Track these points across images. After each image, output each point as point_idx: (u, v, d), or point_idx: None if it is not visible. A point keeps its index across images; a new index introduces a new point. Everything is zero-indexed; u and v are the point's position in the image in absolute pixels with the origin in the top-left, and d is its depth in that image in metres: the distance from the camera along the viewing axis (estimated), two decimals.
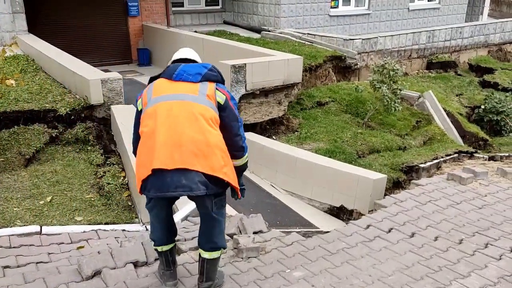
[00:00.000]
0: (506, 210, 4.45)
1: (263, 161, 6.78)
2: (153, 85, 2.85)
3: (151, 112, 2.73)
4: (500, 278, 3.29)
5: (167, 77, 2.83)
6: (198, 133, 2.65)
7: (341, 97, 9.16)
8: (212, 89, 2.77)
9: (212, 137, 2.68)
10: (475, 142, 9.30)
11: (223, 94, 2.81)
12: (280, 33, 11.62)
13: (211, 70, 2.85)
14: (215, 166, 2.68)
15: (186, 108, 2.68)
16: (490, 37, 13.60)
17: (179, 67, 2.82)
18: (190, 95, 2.72)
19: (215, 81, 2.84)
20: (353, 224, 4.27)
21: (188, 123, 2.65)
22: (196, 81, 2.76)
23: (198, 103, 2.70)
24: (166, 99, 2.73)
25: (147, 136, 2.72)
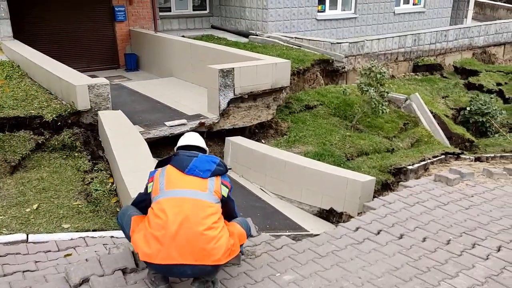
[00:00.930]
0: (493, 211, 4.51)
1: (252, 165, 6.78)
2: (165, 174, 3.04)
3: (163, 204, 2.92)
4: (487, 278, 3.33)
5: (179, 168, 3.03)
6: (207, 230, 2.87)
7: (329, 100, 9.22)
8: (218, 185, 3.05)
9: (219, 232, 2.92)
10: (461, 143, 9.42)
11: (227, 187, 3.12)
12: (268, 37, 11.67)
13: (219, 165, 3.10)
14: (222, 257, 2.92)
15: (196, 205, 2.91)
16: (474, 39, 13.83)
17: (191, 162, 3.03)
18: (201, 192, 2.96)
19: (221, 174, 3.11)
20: (342, 227, 4.29)
21: (197, 220, 2.86)
22: (206, 177, 3.01)
23: (207, 201, 2.94)
24: (178, 195, 2.94)
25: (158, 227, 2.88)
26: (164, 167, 3.10)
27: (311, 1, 12.61)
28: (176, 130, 6.76)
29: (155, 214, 2.92)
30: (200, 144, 3.32)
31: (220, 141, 7.46)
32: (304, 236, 4.81)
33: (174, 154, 3.16)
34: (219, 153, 7.40)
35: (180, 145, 3.29)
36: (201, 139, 3.38)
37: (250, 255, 3.65)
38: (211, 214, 2.93)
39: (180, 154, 3.12)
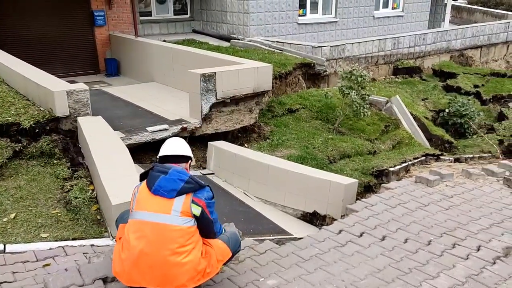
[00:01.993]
0: (472, 211, 4.59)
1: (235, 170, 6.75)
2: (139, 192, 2.95)
3: (129, 226, 2.90)
4: (467, 277, 3.38)
5: (148, 186, 2.92)
6: (170, 256, 2.79)
7: (311, 104, 9.27)
8: (187, 205, 2.85)
9: (185, 256, 2.82)
10: (441, 144, 9.58)
11: (199, 205, 2.89)
12: (250, 41, 11.70)
13: (188, 182, 2.89)
14: (188, 282, 2.84)
15: (158, 230, 2.80)
16: (452, 43, 14.12)
17: (157, 181, 2.88)
18: (163, 215, 2.82)
19: (193, 191, 2.90)
20: (325, 230, 4.30)
21: (159, 246, 2.78)
22: (171, 198, 2.84)
23: (171, 224, 2.81)
24: (141, 218, 2.85)
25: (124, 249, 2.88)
26: (142, 183, 3.00)
27: (292, 5, 12.69)
28: (158, 135, 6.69)
29: (125, 234, 2.92)
30: (181, 152, 3.10)
31: (203, 146, 7.42)
32: (287, 239, 4.80)
33: (153, 166, 3.03)
34: (201, 157, 7.36)
35: (160, 155, 3.12)
36: (183, 145, 3.16)
37: (234, 261, 3.62)
38: (176, 237, 2.80)
39: (155, 168, 2.96)
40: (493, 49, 15.46)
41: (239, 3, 12.14)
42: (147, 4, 12.84)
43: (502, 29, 15.34)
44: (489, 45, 15.18)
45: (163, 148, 3.14)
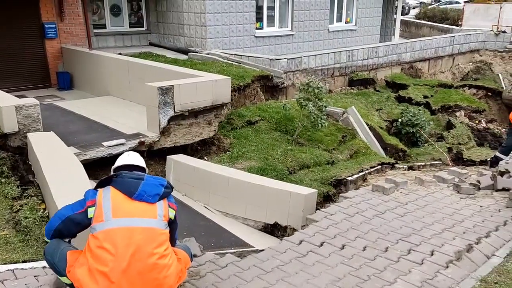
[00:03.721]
0: (425, 216, 4.76)
1: (195, 183, 6.68)
2: (111, 199, 2.82)
3: (112, 235, 2.73)
4: (423, 282, 3.49)
5: (126, 193, 2.84)
6: (159, 259, 2.78)
7: (270, 116, 9.36)
8: (166, 209, 2.95)
9: (169, 259, 2.85)
10: (395, 153, 9.92)
11: (174, 209, 3.03)
12: (208, 54, 11.70)
13: (167, 187, 2.99)
14: (174, 284, 2.88)
15: (148, 234, 2.78)
16: (402, 55, 14.75)
17: (140, 186, 2.86)
18: (151, 220, 2.83)
19: (167, 196, 3.00)
20: (286, 241, 4.32)
21: (149, 250, 2.75)
22: (154, 202, 2.88)
23: (158, 228, 2.84)
24: (128, 224, 2.77)
25: (105, 261, 2.69)
26: (106, 189, 2.87)
27: (249, 19, 12.85)
28: (115, 150, 6.51)
29: (101, 246, 2.69)
30: (141, 163, 3.17)
31: (162, 160, 7.29)
32: (249, 252, 4.79)
33: (115, 174, 2.96)
34: (160, 172, 7.22)
35: (120, 164, 3.09)
36: (140, 158, 3.23)
37: (195, 276, 3.56)
38: (163, 241, 2.83)
39: (124, 175, 2.91)
40: (440, 62, 16.28)
41: (196, 16, 12.15)
42: (101, 16, 12.58)
43: (448, 43, 16.22)
44: (436, 58, 15.98)
45: (123, 159, 3.15)
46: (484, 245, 4.10)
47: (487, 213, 4.88)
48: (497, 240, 4.21)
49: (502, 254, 3.93)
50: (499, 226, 4.50)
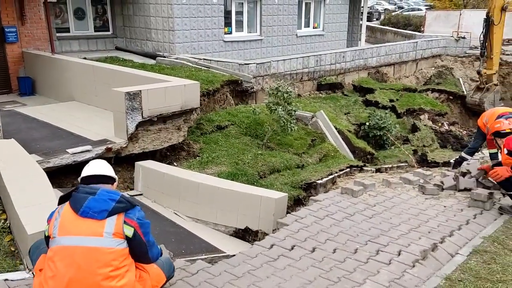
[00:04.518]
0: (392, 218, 4.87)
1: (165, 189, 6.58)
2: (61, 216, 2.74)
3: (55, 254, 2.67)
4: (391, 282, 3.56)
5: (74, 208, 2.73)
6: (104, 280, 2.65)
7: (240, 120, 9.36)
8: (119, 225, 2.72)
9: (118, 280, 2.69)
10: (363, 156, 10.11)
11: (131, 226, 2.76)
12: (176, 58, 11.60)
13: (119, 202, 2.78)
14: None
15: (90, 254, 2.64)
16: (368, 60, 15.11)
17: (85, 202, 2.72)
18: (95, 238, 2.66)
19: (124, 211, 2.78)
20: (257, 245, 4.31)
21: (92, 270, 2.63)
22: (102, 219, 2.70)
23: (104, 247, 2.66)
24: (70, 243, 2.66)
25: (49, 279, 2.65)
26: (62, 206, 2.80)
27: (217, 23, 12.84)
28: (80, 157, 6.33)
29: (47, 263, 2.70)
30: (106, 171, 2.97)
31: (130, 166, 7.15)
32: (220, 258, 4.75)
33: (76, 188, 2.86)
34: (129, 178, 7.08)
35: (84, 175, 2.95)
36: (107, 166, 3.03)
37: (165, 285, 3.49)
38: (110, 260, 2.67)
39: (80, 189, 2.80)
40: (404, 66, 16.77)
41: (164, 20, 12.03)
42: (64, 20, 12.26)
43: (411, 48, 16.74)
44: (400, 63, 16.45)
45: (86, 169, 2.98)
46: (448, 244, 4.22)
47: (450, 212, 5.04)
48: (460, 239, 4.35)
49: (465, 252, 4.07)
50: (462, 225, 4.66)
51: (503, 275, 3.66)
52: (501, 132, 5.17)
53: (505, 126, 5.17)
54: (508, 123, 5.26)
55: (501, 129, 5.17)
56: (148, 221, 2.90)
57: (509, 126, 5.17)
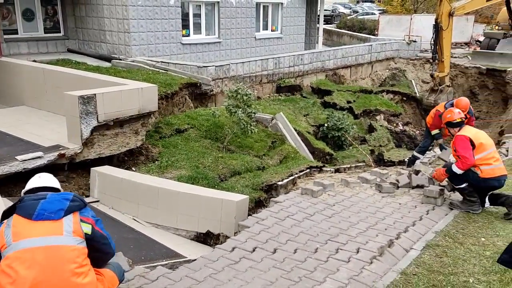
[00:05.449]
0: (351, 216, 4.98)
1: (123, 195, 6.41)
2: (11, 226, 2.66)
3: (12, 260, 2.57)
4: (350, 278, 3.63)
5: (26, 216, 2.66)
6: (71, 277, 2.61)
7: (199, 123, 9.28)
8: (77, 223, 2.75)
9: (84, 277, 2.67)
10: (323, 157, 10.30)
11: (88, 223, 2.81)
12: (133, 61, 11.35)
13: (73, 200, 2.80)
14: None
15: (53, 253, 2.60)
16: (326, 63, 15.41)
17: (38, 205, 2.68)
18: (55, 237, 2.63)
19: (79, 209, 2.80)
20: (218, 249, 4.29)
21: (57, 268, 2.58)
22: (60, 218, 2.68)
23: (66, 245, 2.64)
24: (29, 245, 2.59)
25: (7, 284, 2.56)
26: (9, 219, 2.72)
27: (175, 26, 12.68)
28: (31, 164, 6.05)
29: (3, 271, 2.58)
30: (53, 183, 2.99)
31: (85, 172, 6.91)
32: (181, 263, 4.68)
33: (19, 200, 2.79)
34: (84, 185, 6.84)
35: (28, 188, 2.92)
36: (52, 179, 3.05)
37: None
38: (74, 257, 2.65)
39: (25, 199, 2.76)
40: (361, 69, 17.25)
41: (119, 22, 11.75)
42: (12, 21, 11.70)
43: (367, 51, 17.24)
44: (357, 65, 16.90)
45: (32, 182, 2.97)
46: (403, 240, 4.37)
47: (405, 209, 5.22)
48: (414, 234, 4.52)
49: (419, 247, 4.22)
50: (416, 221, 4.84)
51: (454, 268, 3.83)
52: (453, 122, 5.38)
53: (456, 116, 5.38)
54: (458, 112, 5.48)
55: (452, 119, 5.39)
56: (100, 219, 2.97)
57: (459, 116, 5.39)
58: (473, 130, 5.36)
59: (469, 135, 5.12)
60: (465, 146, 5.03)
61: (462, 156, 5.03)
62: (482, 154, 5.05)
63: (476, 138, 5.12)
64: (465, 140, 5.07)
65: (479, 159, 5.03)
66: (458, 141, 5.14)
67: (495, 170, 5.04)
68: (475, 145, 5.05)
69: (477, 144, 5.06)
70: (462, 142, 5.08)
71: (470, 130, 5.32)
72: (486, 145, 5.11)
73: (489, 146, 5.14)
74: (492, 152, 5.13)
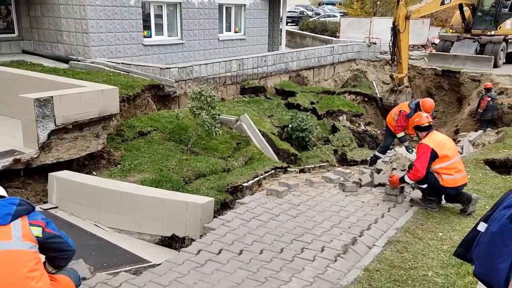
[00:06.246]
0: (316, 216, 5.04)
1: (83, 200, 6.21)
2: None
3: None
4: (315, 277, 3.68)
5: None
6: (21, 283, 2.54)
7: (163, 126, 9.14)
8: (26, 227, 2.70)
9: (37, 283, 2.60)
10: (287, 157, 10.40)
11: (38, 225, 2.76)
12: (92, 62, 11.04)
13: (20, 204, 2.72)
14: None
15: (3, 259, 2.54)
16: (289, 64, 15.58)
17: None
18: (4, 242, 2.57)
19: (26, 213, 2.73)
20: (184, 252, 4.23)
21: (8, 276, 2.52)
22: (7, 223, 2.61)
23: (16, 249, 2.58)
24: None
25: None
26: None
27: (135, 26, 12.45)
28: None
29: None
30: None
31: (43, 178, 6.64)
32: (145, 268, 4.59)
33: None
34: (41, 191, 6.57)
35: None
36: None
37: None
38: (25, 261, 2.59)
39: None
40: (323, 70, 17.56)
41: (77, 22, 11.39)
42: None
43: (329, 53, 17.57)
44: (319, 66, 17.19)
45: None
46: (366, 237, 4.47)
47: (368, 207, 5.35)
48: (377, 232, 4.63)
49: (381, 244, 4.33)
50: (378, 219, 4.96)
51: (414, 262, 3.96)
52: (421, 126, 5.48)
53: (423, 120, 5.48)
54: (426, 116, 5.59)
55: (420, 123, 5.47)
56: (51, 220, 2.91)
57: (427, 120, 5.48)
58: (438, 137, 5.33)
59: (432, 146, 5.09)
60: (423, 158, 5.05)
61: (415, 167, 5.09)
62: (445, 163, 5.09)
63: (439, 147, 5.12)
64: (426, 151, 5.07)
65: (442, 168, 5.09)
66: (419, 150, 5.19)
67: (456, 181, 5.10)
68: (438, 155, 5.07)
69: (441, 154, 5.08)
70: (422, 153, 5.10)
71: (435, 138, 5.29)
72: (449, 155, 5.13)
73: (452, 156, 5.16)
74: (455, 162, 5.16)
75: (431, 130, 5.39)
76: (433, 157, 5.08)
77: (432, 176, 5.14)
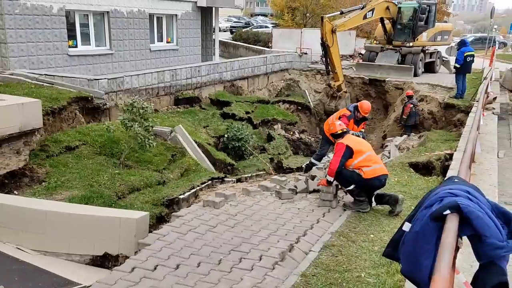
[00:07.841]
0: (253, 225, 5.05)
1: (3, 222, 5.71)
2: None
3: None
4: (254, 286, 3.66)
5: None
6: None
7: (92, 139, 8.71)
8: None
9: None
10: (224, 167, 10.36)
11: None
12: (11, 74, 10.28)
13: None
14: None
15: None
16: (223, 74, 15.61)
17: None
18: None
19: None
20: (117, 271, 4.04)
21: None
22: None
23: None
24: None
25: None
26: None
27: (59, 36, 11.81)
28: None
29: None
30: None
31: None
32: None
33: None
34: None
35: None
36: None
37: None
38: None
39: None
40: (257, 80, 17.79)
41: None
42: None
43: (262, 63, 17.86)
44: (253, 76, 17.39)
45: None
46: (302, 243, 4.55)
47: (303, 214, 5.46)
48: (312, 237, 4.73)
49: (317, 249, 4.43)
50: (313, 224, 5.07)
51: (348, 265, 4.09)
52: (335, 134, 5.85)
53: (337, 128, 5.86)
54: (339, 124, 5.97)
55: (335, 131, 5.85)
56: None
57: (340, 127, 5.87)
58: (352, 138, 5.92)
59: (346, 143, 5.61)
60: (337, 153, 5.56)
61: (331, 162, 5.58)
62: (361, 157, 5.55)
63: (354, 144, 5.64)
64: (341, 148, 5.57)
65: (360, 162, 5.53)
66: (335, 148, 5.69)
67: (375, 171, 5.54)
68: (353, 150, 5.54)
69: (356, 150, 5.57)
70: (337, 150, 5.62)
71: (350, 137, 5.85)
72: (363, 150, 5.63)
73: (366, 150, 5.67)
74: (370, 155, 5.66)
75: (344, 135, 5.85)
76: (348, 153, 5.53)
77: (355, 173, 5.52)
